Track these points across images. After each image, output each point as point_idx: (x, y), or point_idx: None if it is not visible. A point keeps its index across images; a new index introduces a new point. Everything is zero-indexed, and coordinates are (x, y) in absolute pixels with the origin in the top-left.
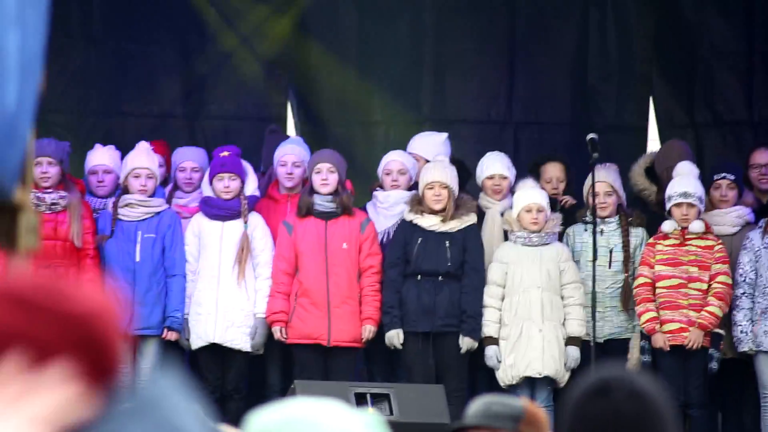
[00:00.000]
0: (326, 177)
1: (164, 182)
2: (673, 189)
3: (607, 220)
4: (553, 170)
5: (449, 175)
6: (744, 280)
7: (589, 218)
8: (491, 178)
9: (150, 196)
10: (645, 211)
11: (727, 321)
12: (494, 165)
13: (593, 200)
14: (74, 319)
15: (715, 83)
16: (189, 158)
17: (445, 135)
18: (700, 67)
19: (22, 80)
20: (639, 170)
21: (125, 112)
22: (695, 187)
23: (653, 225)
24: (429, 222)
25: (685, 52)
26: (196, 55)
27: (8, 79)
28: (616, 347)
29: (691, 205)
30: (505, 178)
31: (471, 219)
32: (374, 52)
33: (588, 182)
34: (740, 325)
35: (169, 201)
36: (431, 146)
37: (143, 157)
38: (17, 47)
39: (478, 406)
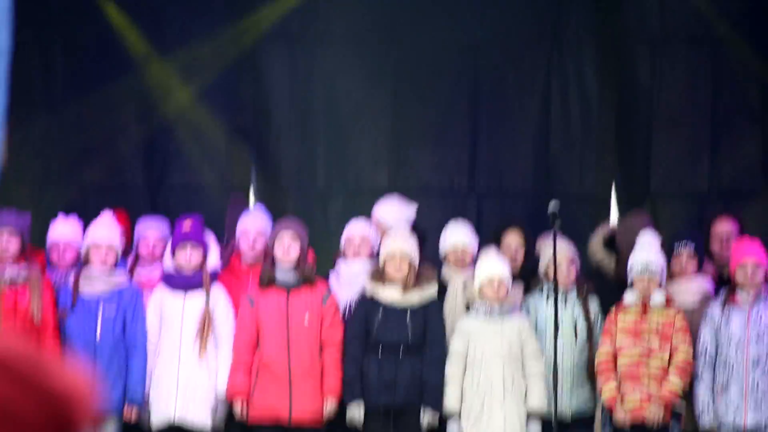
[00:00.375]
0: (288, 245)
1: (126, 251)
2: (635, 260)
3: (568, 290)
4: (512, 238)
5: (410, 246)
6: (704, 354)
7: (548, 289)
8: (454, 250)
9: (113, 267)
10: (602, 282)
11: (689, 394)
12: (456, 237)
13: (555, 272)
14: (54, 396)
15: (673, 153)
16: (152, 229)
17: (413, 206)
18: (658, 136)
19: None
20: (598, 241)
21: (87, 181)
22: (656, 259)
23: (611, 297)
24: (389, 294)
25: (644, 122)
26: (157, 124)
27: None
28: (585, 420)
29: (652, 277)
30: (467, 250)
31: (432, 290)
32: (337, 120)
33: (547, 253)
34: (702, 400)
35: (131, 271)
36: (397, 214)
37: (103, 229)
38: None
39: None
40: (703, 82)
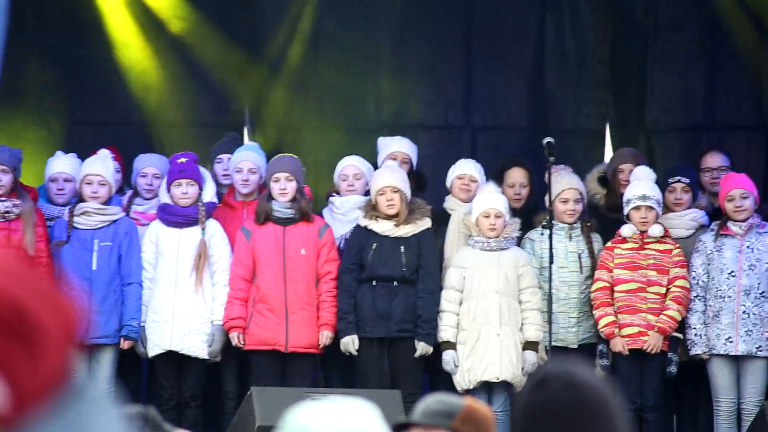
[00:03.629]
0: (284, 186)
1: (121, 188)
2: (632, 192)
3: (573, 225)
4: (517, 175)
5: (400, 179)
6: (697, 283)
7: (547, 223)
8: (461, 177)
9: (105, 203)
10: (595, 215)
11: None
12: (466, 166)
13: (551, 205)
14: (62, 305)
15: (667, 87)
16: (151, 164)
17: (409, 142)
18: (653, 72)
19: None
20: (593, 177)
21: (81, 120)
22: (653, 191)
23: (602, 230)
24: (383, 227)
25: (638, 56)
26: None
27: None
28: (591, 351)
29: (649, 207)
30: (475, 180)
31: (425, 223)
32: (332, 58)
33: (553, 187)
34: (694, 328)
35: (128, 207)
36: (394, 149)
37: (96, 164)
38: None
39: (420, 404)
40: (697, 18)
